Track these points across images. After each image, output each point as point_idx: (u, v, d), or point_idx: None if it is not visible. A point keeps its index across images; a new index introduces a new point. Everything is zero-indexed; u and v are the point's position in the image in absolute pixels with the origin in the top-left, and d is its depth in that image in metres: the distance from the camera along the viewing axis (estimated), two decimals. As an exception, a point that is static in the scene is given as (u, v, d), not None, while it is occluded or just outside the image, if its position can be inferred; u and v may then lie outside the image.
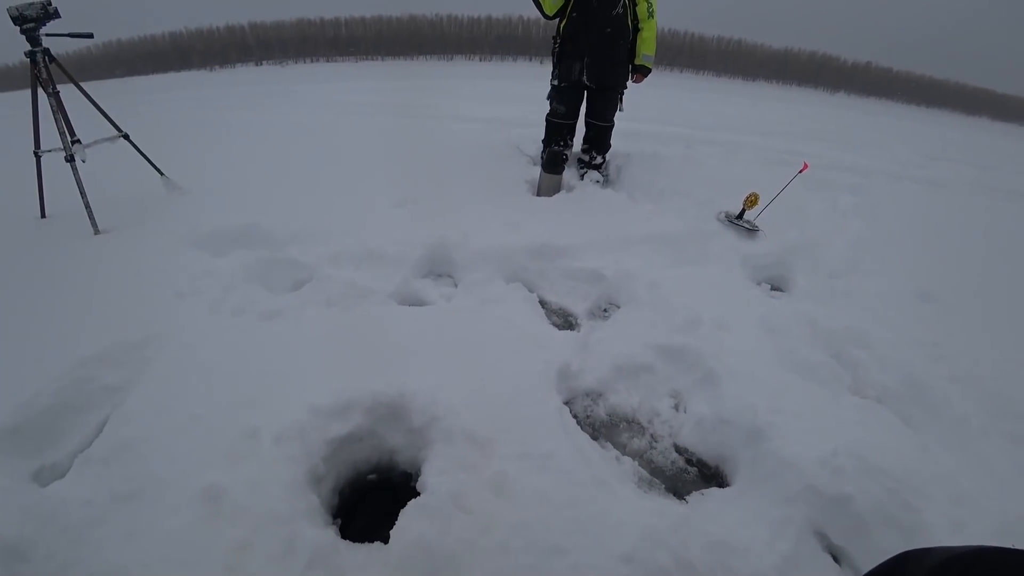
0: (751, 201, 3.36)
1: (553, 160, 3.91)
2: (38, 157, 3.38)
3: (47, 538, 1.38)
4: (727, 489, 1.78)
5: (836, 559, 1.55)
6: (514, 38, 18.14)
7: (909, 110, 17.45)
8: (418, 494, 1.56)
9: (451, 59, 18.08)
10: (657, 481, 1.81)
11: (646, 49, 3.73)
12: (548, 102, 3.90)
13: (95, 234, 3.15)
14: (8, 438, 1.69)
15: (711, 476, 1.87)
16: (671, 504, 1.70)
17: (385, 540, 1.45)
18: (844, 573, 1.52)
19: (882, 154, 6.64)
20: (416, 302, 2.64)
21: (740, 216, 3.46)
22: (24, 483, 1.60)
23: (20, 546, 1.34)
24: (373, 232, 3.08)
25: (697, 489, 1.79)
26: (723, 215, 3.55)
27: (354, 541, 1.48)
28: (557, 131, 3.90)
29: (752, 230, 3.40)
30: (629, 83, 3.89)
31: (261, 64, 18.17)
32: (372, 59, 18.07)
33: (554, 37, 3.71)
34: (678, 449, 1.94)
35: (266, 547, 1.38)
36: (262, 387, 1.89)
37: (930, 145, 8.32)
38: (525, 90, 8.16)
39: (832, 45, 19.62)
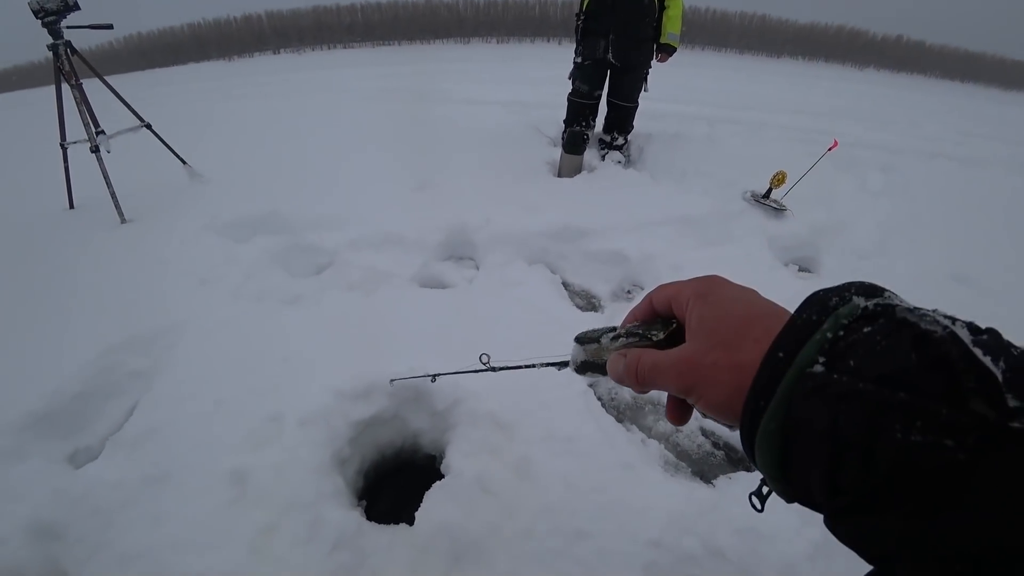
0: (778, 180, 3.27)
1: (574, 140, 3.84)
2: (64, 149, 3.43)
3: (80, 519, 1.41)
4: (755, 473, 1.74)
5: (869, 546, 1.51)
6: (531, 19, 17.90)
7: (943, 85, 16.81)
8: (442, 476, 1.56)
9: (468, 42, 17.93)
10: (683, 464, 1.78)
11: (672, 27, 3.61)
12: (570, 81, 3.82)
13: (121, 223, 3.20)
14: (43, 422, 1.73)
15: (738, 460, 1.83)
16: (698, 488, 1.67)
17: (410, 522, 1.45)
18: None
19: (914, 131, 6.40)
20: (437, 285, 2.63)
21: (767, 195, 3.37)
22: (59, 465, 1.64)
23: (54, 527, 1.38)
24: (393, 216, 3.07)
25: (724, 473, 1.76)
26: (749, 194, 3.46)
27: (379, 523, 1.48)
28: (579, 111, 3.83)
29: (779, 209, 3.31)
30: (653, 62, 3.79)
31: (279, 52, 18.25)
32: (389, 44, 18.01)
33: (577, 14, 3.61)
34: (704, 432, 1.91)
35: (291, 530, 1.39)
36: (285, 371, 1.91)
37: (965, 121, 7.99)
38: (544, 72, 8.04)
39: (861, 19, 18.97)
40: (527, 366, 0.69)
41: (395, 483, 1.80)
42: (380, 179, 3.67)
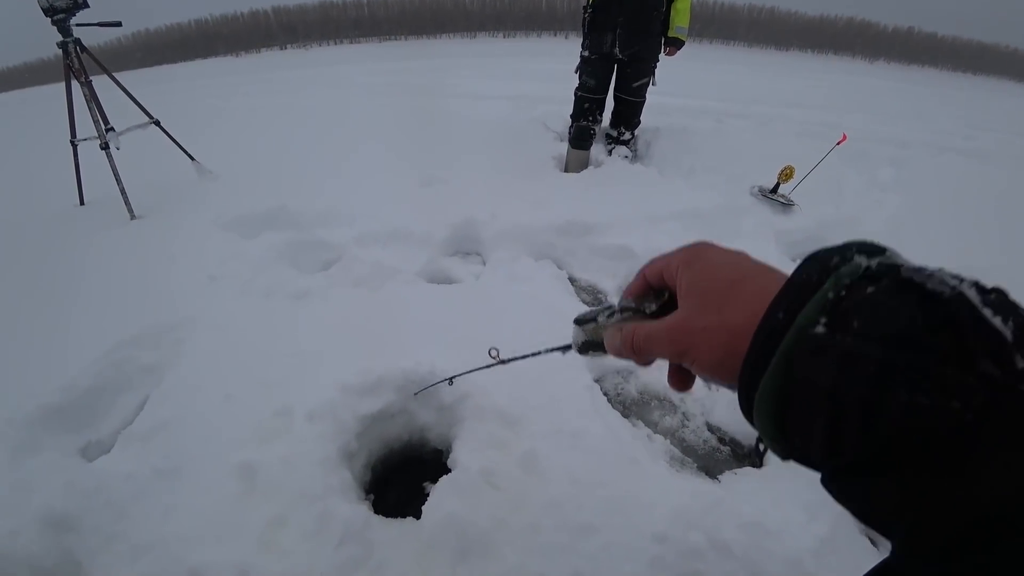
0: (786, 174, 3.25)
1: (580, 135, 3.83)
2: (74, 146, 3.47)
3: (92, 511, 1.43)
4: (761, 469, 1.74)
5: (874, 542, 1.50)
6: (537, 13, 17.82)
7: (955, 78, 16.58)
8: (449, 471, 1.57)
9: (474, 36, 17.89)
10: (689, 460, 1.78)
11: (680, 21, 3.58)
12: (577, 75, 3.80)
13: (131, 219, 3.22)
14: (56, 416, 1.75)
15: (744, 456, 1.83)
16: (704, 483, 1.67)
17: (417, 516, 1.46)
18: (882, 557, 1.48)
19: (924, 125, 6.34)
20: (444, 280, 2.64)
21: (774, 190, 3.35)
22: (71, 458, 1.66)
23: (68, 519, 1.40)
24: (399, 212, 3.08)
25: (730, 469, 1.76)
26: (757, 189, 3.44)
27: (386, 517, 1.49)
28: (586, 105, 3.81)
29: (787, 204, 3.29)
30: (661, 56, 3.76)
31: (286, 48, 18.30)
32: (396, 39, 17.99)
33: (584, 7, 3.59)
34: (711, 428, 1.91)
35: (300, 523, 1.40)
36: (293, 366, 1.92)
37: (976, 115, 7.89)
38: (550, 66, 8.02)
39: (871, 10, 18.75)
40: (534, 354, 0.72)
41: (402, 477, 1.81)
42: (386, 174, 3.68)
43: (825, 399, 0.27)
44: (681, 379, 0.45)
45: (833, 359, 0.27)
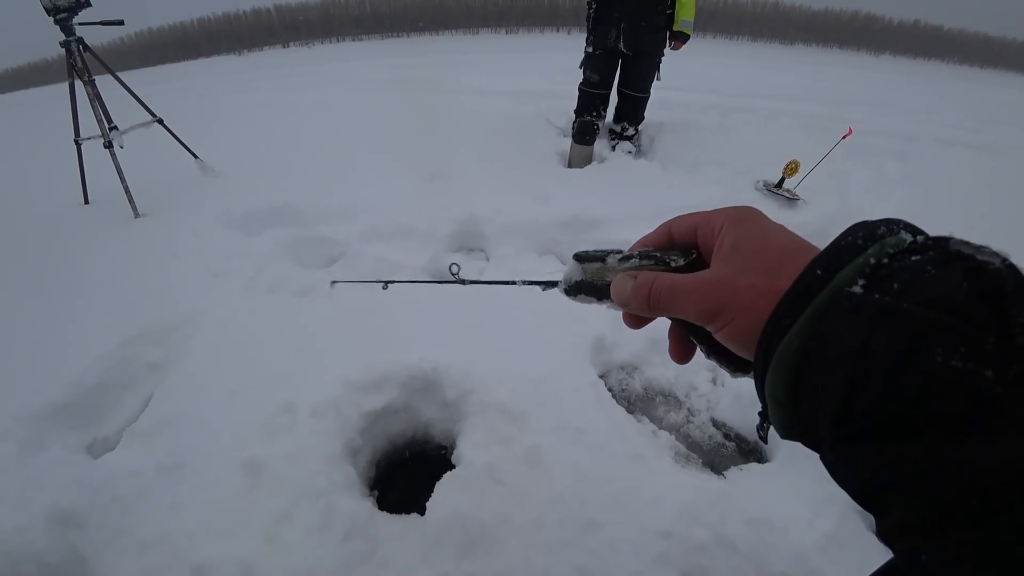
0: (791, 169, 3.23)
1: (584, 131, 3.81)
2: (79, 145, 3.47)
3: (98, 508, 1.44)
4: (766, 465, 1.74)
5: (882, 537, 1.50)
6: (540, 9, 17.76)
7: (962, 71, 16.45)
8: (453, 466, 1.57)
9: (477, 32, 17.84)
10: (695, 456, 1.78)
11: (685, 14, 3.54)
12: (581, 70, 3.78)
13: (135, 218, 3.23)
14: (61, 413, 1.76)
15: (749, 451, 1.82)
16: (709, 479, 1.67)
17: (422, 512, 1.46)
18: (888, 553, 1.47)
19: (931, 118, 6.27)
20: (448, 276, 2.63)
21: (779, 185, 3.33)
22: (78, 455, 1.67)
23: (74, 515, 1.41)
24: (403, 208, 3.07)
25: (735, 464, 1.75)
26: (762, 184, 3.42)
27: (391, 512, 1.50)
28: (590, 101, 3.79)
29: (792, 199, 3.27)
30: (666, 50, 3.73)
31: (288, 46, 18.29)
32: (398, 36, 17.97)
33: (588, 2, 3.56)
34: (716, 423, 1.90)
35: (304, 518, 1.40)
36: (297, 362, 1.92)
37: (985, 108, 7.80)
38: (553, 62, 7.98)
39: (876, 3, 18.60)
40: (505, 282, 0.63)
41: (406, 473, 1.81)
42: (390, 171, 3.67)
43: (850, 358, 0.26)
44: (684, 348, 0.42)
45: (867, 317, 0.26)
